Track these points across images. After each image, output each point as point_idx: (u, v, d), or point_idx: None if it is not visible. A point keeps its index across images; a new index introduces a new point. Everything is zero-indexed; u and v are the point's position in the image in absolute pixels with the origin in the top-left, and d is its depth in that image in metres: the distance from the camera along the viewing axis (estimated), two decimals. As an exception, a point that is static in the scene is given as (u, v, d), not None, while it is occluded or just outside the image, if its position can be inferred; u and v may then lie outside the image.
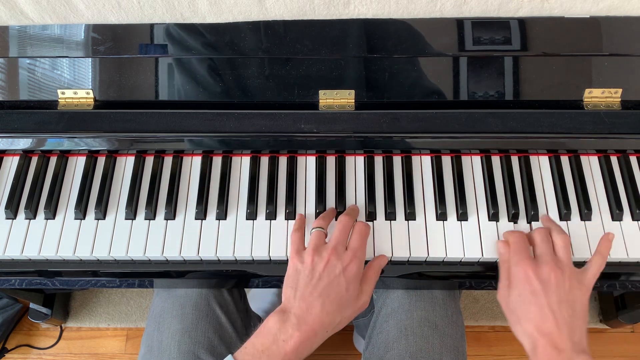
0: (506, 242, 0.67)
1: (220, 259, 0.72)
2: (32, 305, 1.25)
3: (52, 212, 0.73)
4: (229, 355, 0.58)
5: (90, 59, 0.76)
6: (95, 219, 0.73)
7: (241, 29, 0.74)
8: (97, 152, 0.77)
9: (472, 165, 0.76)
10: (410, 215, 0.72)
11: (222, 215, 0.73)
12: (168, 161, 0.77)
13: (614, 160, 0.76)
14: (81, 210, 0.73)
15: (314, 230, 0.66)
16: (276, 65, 0.75)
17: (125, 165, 0.77)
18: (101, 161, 0.77)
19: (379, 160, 0.76)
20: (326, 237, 0.66)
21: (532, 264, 0.61)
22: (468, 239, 0.71)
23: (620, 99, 0.75)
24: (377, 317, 0.82)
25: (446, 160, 0.76)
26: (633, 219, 0.72)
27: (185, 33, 0.75)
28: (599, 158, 0.76)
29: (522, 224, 0.72)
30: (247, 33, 0.74)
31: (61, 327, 1.36)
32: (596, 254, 0.65)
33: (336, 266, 0.61)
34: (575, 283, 0.60)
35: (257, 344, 0.59)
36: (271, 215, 0.73)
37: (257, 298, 1.29)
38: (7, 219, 0.74)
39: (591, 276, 0.63)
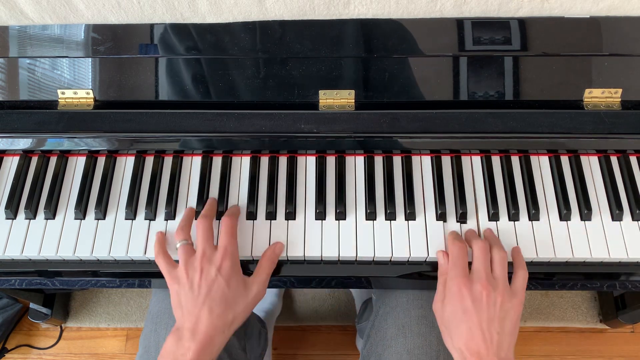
0: (446, 254, 0.68)
1: (220, 259, 0.72)
2: (32, 305, 1.26)
3: (52, 212, 0.73)
4: None
5: (90, 59, 0.76)
6: (95, 219, 0.73)
7: (241, 29, 0.74)
8: (97, 152, 0.77)
9: (472, 165, 0.76)
10: (410, 215, 0.72)
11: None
12: (168, 161, 0.77)
13: (614, 160, 0.76)
14: (81, 210, 0.73)
15: (179, 245, 0.66)
16: (276, 65, 0.75)
17: (125, 165, 0.77)
18: (101, 161, 0.77)
19: (379, 160, 0.76)
20: (193, 245, 0.67)
21: (466, 281, 0.62)
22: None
23: (620, 99, 0.75)
24: (375, 315, 0.82)
25: (446, 160, 0.76)
26: (633, 219, 0.72)
27: (185, 33, 0.75)
28: (599, 158, 0.76)
29: (523, 223, 0.72)
30: (247, 33, 0.74)
31: (61, 327, 1.36)
32: (518, 267, 0.66)
33: (210, 270, 0.63)
34: (507, 298, 0.62)
35: None
36: (271, 215, 0.73)
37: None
38: (7, 219, 0.74)
39: (520, 289, 0.64)
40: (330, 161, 0.77)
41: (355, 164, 0.76)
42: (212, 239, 0.66)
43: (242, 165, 0.77)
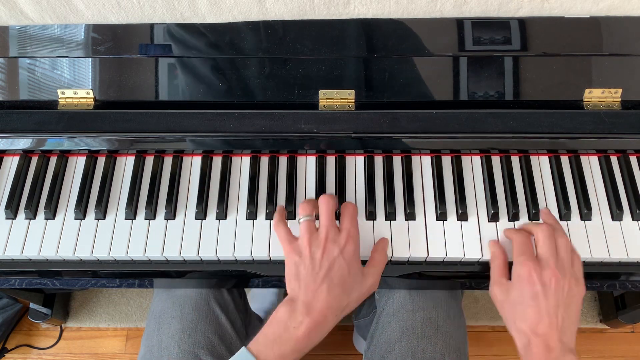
0: (495, 241, 0.69)
1: (220, 259, 0.72)
2: (32, 305, 1.26)
3: (52, 212, 0.73)
4: (243, 348, 0.59)
5: (90, 59, 0.76)
6: (95, 219, 0.73)
7: (241, 29, 0.74)
8: (97, 152, 0.77)
9: (472, 165, 0.76)
10: (410, 215, 0.72)
11: (222, 215, 0.73)
12: (168, 161, 0.77)
13: (614, 160, 0.76)
14: (81, 210, 0.73)
15: (302, 219, 0.65)
16: (276, 65, 0.75)
17: (125, 165, 0.77)
18: (101, 161, 0.77)
19: (379, 160, 0.76)
20: (315, 223, 0.66)
21: (536, 266, 0.62)
22: (468, 239, 0.71)
23: (620, 99, 0.75)
24: (379, 317, 0.82)
25: (446, 160, 0.76)
26: (633, 219, 0.72)
27: (185, 33, 0.75)
28: (599, 158, 0.76)
29: (524, 222, 0.72)
30: (247, 33, 0.74)
31: (61, 327, 1.36)
32: (573, 251, 0.66)
33: (333, 250, 0.62)
34: (574, 284, 0.63)
35: (269, 334, 0.60)
36: (271, 216, 0.73)
37: (257, 298, 1.29)
38: (7, 219, 0.74)
39: (581, 273, 0.65)
40: (330, 161, 0.77)
41: (355, 164, 0.76)
42: (335, 219, 0.65)
43: (242, 165, 0.77)
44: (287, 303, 0.61)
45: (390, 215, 0.72)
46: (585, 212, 0.72)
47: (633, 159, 0.76)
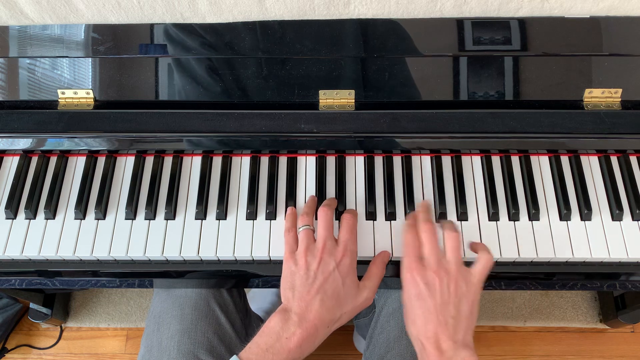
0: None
1: (220, 259, 0.72)
2: (32, 305, 1.25)
3: (52, 212, 0.73)
4: (234, 356, 0.59)
5: (90, 59, 0.76)
6: (95, 219, 0.73)
7: (241, 29, 0.74)
8: (97, 152, 0.77)
9: (472, 165, 0.76)
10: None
11: (222, 215, 0.73)
12: (168, 161, 0.77)
13: (614, 160, 0.76)
14: (81, 210, 0.73)
15: (301, 229, 0.66)
16: (276, 65, 0.75)
17: (125, 165, 0.77)
18: (101, 161, 0.77)
19: (379, 160, 0.76)
20: (314, 233, 0.67)
21: (418, 267, 0.62)
22: (468, 238, 0.71)
23: (620, 99, 0.75)
24: (378, 317, 0.82)
25: (446, 160, 0.76)
26: (633, 219, 0.72)
27: (185, 33, 0.75)
28: (599, 158, 0.76)
29: (523, 223, 0.72)
30: (247, 33, 0.74)
31: (61, 327, 1.36)
32: (481, 251, 0.65)
33: (329, 263, 0.63)
34: (462, 282, 0.61)
35: (261, 343, 0.60)
36: (271, 215, 0.73)
37: (257, 298, 1.29)
38: (7, 219, 0.74)
39: (478, 272, 0.63)
40: (331, 161, 0.77)
41: (355, 164, 0.76)
42: (333, 230, 0.66)
43: (242, 165, 0.77)
44: (280, 313, 0.61)
45: (390, 216, 0.72)
46: (585, 212, 0.72)
47: (633, 159, 0.76)
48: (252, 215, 0.73)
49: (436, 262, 0.62)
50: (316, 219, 0.69)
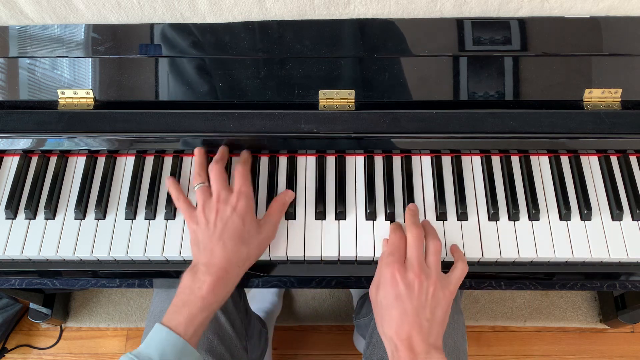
0: (385, 242, 0.70)
1: (220, 259, 0.72)
2: (32, 305, 1.25)
3: (52, 212, 0.73)
4: (156, 324, 0.61)
5: (90, 59, 0.76)
6: (95, 219, 0.73)
7: (241, 29, 0.74)
8: (97, 152, 0.77)
9: (472, 165, 0.76)
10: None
11: (222, 215, 0.73)
12: (168, 161, 0.77)
13: (614, 160, 0.76)
14: (81, 210, 0.73)
15: (196, 187, 0.69)
16: (276, 65, 0.75)
17: (125, 165, 0.77)
18: (101, 161, 0.77)
19: (379, 160, 0.76)
20: (209, 188, 0.69)
21: (400, 267, 0.63)
22: (468, 238, 0.71)
23: (620, 99, 0.75)
24: (377, 317, 0.82)
25: (446, 160, 0.76)
26: (633, 219, 0.72)
27: (185, 33, 0.75)
28: (599, 158, 0.76)
29: (523, 223, 0.72)
30: (247, 33, 0.74)
31: (61, 327, 1.36)
32: (458, 260, 0.67)
33: (226, 210, 0.66)
34: (439, 287, 0.63)
35: (177, 302, 0.63)
36: (271, 215, 0.73)
37: (257, 298, 1.29)
38: (7, 219, 0.74)
39: (455, 280, 0.65)
40: (330, 161, 0.77)
41: (355, 164, 0.76)
42: (226, 181, 0.69)
43: (242, 165, 0.76)
44: (189, 270, 0.64)
45: (390, 215, 0.72)
46: (585, 212, 0.72)
47: (633, 159, 0.76)
48: (252, 215, 0.73)
49: (419, 265, 0.63)
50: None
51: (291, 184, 0.74)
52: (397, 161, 0.76)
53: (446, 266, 0.67)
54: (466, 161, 0.76)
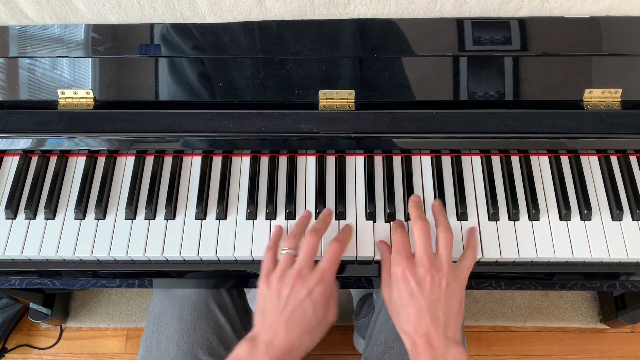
0: (384, 242, 0.69)
1: (220, 259, 0.72)
2: (32, 305, 1.25)
3: (52, 212, 0.73)
4: None
5: (90, 59, 0.76)
6: (95, 219, 0.73)
7: (241, 29, 0.74)
8: (97, 152, 0.77)
9: (472, 165, 0.76)
10: (410, 216, 0.72)
11: (222, 215, 0.73)
12: (168, 161, 0.77)
13: (614, 160, 0.76)
14: (81, 210, 0.73)
15: (283, 252, 0.65)
16: (276, 65, 0.75)
17: (125, 165, 0.77)
18: (101, 161, 0.77)
19: (379, 160, 0.76)
20: (295, 258, 0.65)
21: (409, 264, 0.62)
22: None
23: (620, 99, 0.75)
24: (377, 317, 0.82)
25: (446, 160, 0.76)
26: (633, 219, 0.72)
27: (185, 33, 0.75)
28: (599, 158, 0.76)
29: (523, 223, 0.72)
30: (247, 33, 0.74)
31: (61, 327, 1.36)
32: (468, 247, 0.67)
33: (301, 291, 0.62)
34: (452, 279, 0.62)
35: None
36: (271, 215, 0.73)
37: (257, 298, 1.29)
38: (7, 219, 0.74)
39: (465, 268, 0.65)
40: (331, 161, 0.77)
41: (355, 164, 0.76)
42: (314, 256, 0.64)
43: (242, 165, 0.77)
44: (248, 340, 0.61)
45: (390, 216, 0.72)
46: (585, 212, 0.72)
47: (633, 159, 0.76)
48: (252, 215, 0.73)
49: (429, 259, 0.62)
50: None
51: (291, 184, 0.74)
52: (397, 161, 0.76)
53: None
54: (466, 161, 0.76)
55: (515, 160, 0.76)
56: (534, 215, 0.72)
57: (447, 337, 0.59)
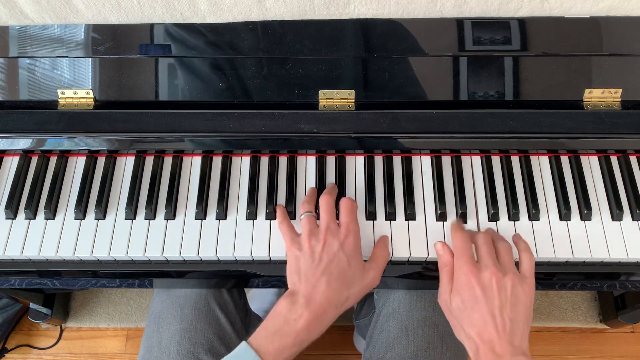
0: (445, 245, 0.67)
1: (220, 259, 0.72)
2: (32, 305, 1.25)
3: (52, 212, 0.73)
4: (243, 342, 0.59)
5: (90, 59, 0.76)
6: (95, 219, 0.73)
7: (241, 29, 0.74)
8: (97, 152, 0.77)
9: (472, 165, 0.76)
10: (410, 215, 0.72)
11: (222, 215, 0.73)
12: (168, 161, 0.77)
13: (614, 160, 0.76)
14: (81, 210, 0.73)
15: (303, 215, 0.67)
16: (276, 65, 0.75)
17: (125, 165, 0.77)
18: (101, 161, 0.77)
19: (379, 160, 0.76)
20: (316, 219, 0.67)
21: (474, 269, 0.61)
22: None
23: (620, 99, 0.75)
24: (377, 317, 0.82)
25: (446, 160, 0.76)
26: (633, 219, 0.72)
27: (185, 33, 0.75)
28: (599, 158, 0.76)
29: (523, 223, 0.72)
30: (247, 33, 0.74)
31: (61, 327, 1.36)
32: (521, 251, 0.66)
33: (333, 244, 0.63)
34: (517, 282, 0.61)
35: (269, 327, 0.60)
36: (271, 215, 0.73)
37: (257, 298, 1.29)
38: (7, 219, 0.74)
39: (528, 273, 0.63)
40: (331, 161, 0.77)
41: (355, 164, 0.76)
42: (335, 215, 0.67)
43: (242, 165, 0.77)
44: (287, 296, 0.62)
45: (390, 215, 0.72)
46: (585, 212, 0.72)
47: (633, 159, 0.76)
48: (252, 215, 0.73)
49: (493, 262, 0.62)
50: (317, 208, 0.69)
51: (291, 184, 0.74)
52: (397, 161, 0.76)
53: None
54: (466, 161, 0.76)
55: (515, 160, 0.76)
56: (534, 215, 0.72)
57: (513, 345, 0.57)
